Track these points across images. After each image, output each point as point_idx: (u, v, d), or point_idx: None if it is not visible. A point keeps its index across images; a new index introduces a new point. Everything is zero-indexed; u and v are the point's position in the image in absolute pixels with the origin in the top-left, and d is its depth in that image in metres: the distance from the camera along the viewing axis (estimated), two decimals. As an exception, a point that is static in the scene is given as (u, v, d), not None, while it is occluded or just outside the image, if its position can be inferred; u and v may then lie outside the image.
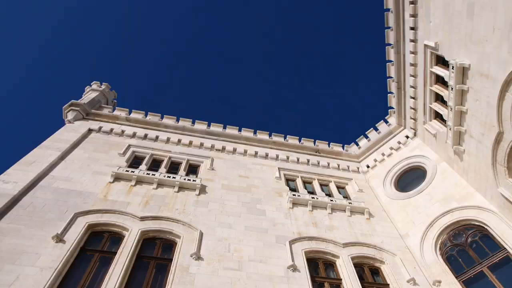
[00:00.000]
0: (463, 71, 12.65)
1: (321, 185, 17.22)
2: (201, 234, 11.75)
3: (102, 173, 13.80)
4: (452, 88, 13.33)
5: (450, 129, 14.08)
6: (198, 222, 12.34)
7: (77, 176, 13.26)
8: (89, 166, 14.06)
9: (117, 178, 13.69)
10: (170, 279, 9.93)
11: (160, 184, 14.04)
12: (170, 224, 12.04)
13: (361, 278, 11.73)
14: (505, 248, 11.07)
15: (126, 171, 14.03)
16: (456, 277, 11.48)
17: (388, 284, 11.72)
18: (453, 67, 12.92)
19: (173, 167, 16.00)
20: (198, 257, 10.76)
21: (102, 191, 12.84)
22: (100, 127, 16.98)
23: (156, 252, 11.19)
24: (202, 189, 14.33)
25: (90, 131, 16.56)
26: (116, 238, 11.24)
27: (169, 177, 14.36)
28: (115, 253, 10.48)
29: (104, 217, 11.63)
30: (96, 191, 12.73)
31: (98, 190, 12.85)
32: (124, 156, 15.44)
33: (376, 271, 12.38)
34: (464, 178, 13.98)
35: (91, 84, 20.24)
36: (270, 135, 19.79)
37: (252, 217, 13.26)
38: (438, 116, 15.83)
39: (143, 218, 11.97)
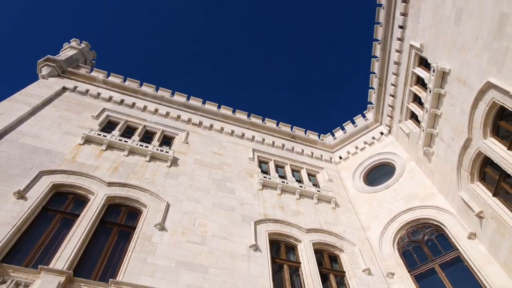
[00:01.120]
0: (443, 76, 12.92)
1: (293, 170, 17.44)
2: (168, 206, 11.74)
3: (73, 134, 13.45)
4: (430, 91, 13.62)
5: (423, 130, 14.46)
6: (166, 194, 12.30)
7: (46, 134, 12.86)
8: (60, 125, 13.65)
9: (87, 140, 13.38)
10: (132, 246, 9.93)
11: (132, 152, 13.83)
12: (138, 193, 11.94)
13: (319, 263, 12.10)
14: (457, 249, 11.63)
15: (98, 134, 13.72)
16: (408, 271, 12.03)
17: (345, 272, 12.15)
18: (434, 70, 13.17)
19: (147, 136, 15.77)
20: (162, 227, 10.77)
21: (71, 152, 12.53)
22: (75, 87, 16.43)
23: (120, 218, 11.11)
24: (174, 162, 14.23)
25: (64, 89, 16.00)
26: (80, 200, 11.07)
27: (142, 145, 14.16)
28: (78, 216, 10.34)
29: (70, 179, 11.41)
30: (64, 152, 12.42)
31: (67, 150, 12.54)
32: (97, 120, 15.06)
33: (334, 258, 12.79)
34: (429, 178, 14.48)
35: (70, 41, 19.43)
36: (248, 116, 19.74)
37: (221, 195, 13.33)
38: (414, 117, 16.20)
39: (110, 184, 11.81)
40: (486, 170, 11.29)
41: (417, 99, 15.78)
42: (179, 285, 9.18)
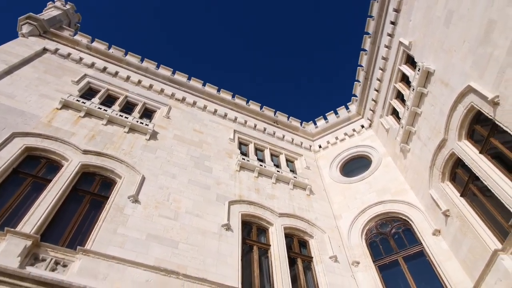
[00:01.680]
0: (427, 75, 13.13)
1: (272, 155, 17.56)
2: (143, 179, 11.65)
3: (50, 98, 13.07)
4: (413, 89, 13.83)
5: (402, 127, 14.74)
6: (143, 167, 12.20)
7: (22, 94, 12.44)
8: (37, 87, 13.22)
9: (65, 105, 13.04)
10: (103, 216, 9.86)
11: (111, 122, 13.59)
12: (113, 163, 11.79)
13: (289, 247, 12.36)
14: (421, 244, 12.09)
15: (77, 100, 13.38)
16: (373, 261, 12.45)
17: (312, 257, 12.46)
18: (419, 69, 13.35)
19: (128, 108, 15.48)
20: (135, 200, 10.72)
21: (47, 116, 12.21)
22: (57, 49, 15.87)
23: (93, 187, 10.99)
24: (153, 135, 14.07)
25: (45, 50, 15.43)
26: (53, 166, 10.86)
27: (122, 116, 13.92)
28: (49, 181, 10.17)
29: (45, 143, 11.14)
30: (40, 115, 12.08)
31: (43, 114, 12.20)
32: (77, 85, 14.66)
33: (304, 244, 13.08)
34: (403, 174, 14.87)
35: (55, 0, 18.67)
36: (233, 97, 19.62)
37: (198, 172, 13.32)
38: (395, 113, 16.48)
39: (86, 152, 11.61)
40: (457, 171, 11.67)
41: (400, 96, 16.02)
42: (148, 258, 9.21)
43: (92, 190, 10.86)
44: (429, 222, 12.34)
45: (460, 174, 11.55)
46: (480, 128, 10.65)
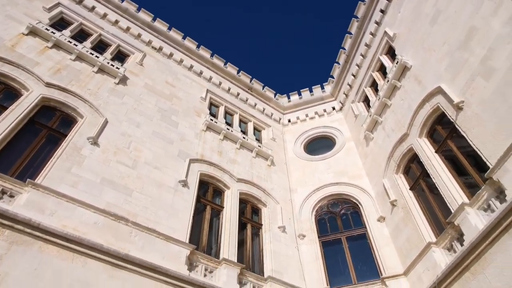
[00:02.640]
0: (404, 70, 13.36)
1: (240, 121, 17.55)
2: (106, 122, 11.36)
3: (17, 21, 12.23)
4: (388, 81, 14.10)
5: (370, 115, 15.12)
6: (107, 110, 11.86)
7: (-15, 11, 11.55)
8: (4, 7, 12.29)
9: (33, 32, 12.27)
10: (59, 153, 9.62)
11: (80, 58, 12.97)
12: (77, 102, 11.39)
13: (241, 212, 12.68)
14: (365, 227, 12.79)
15: (46, 29, 12.61)
16: (318, 237, 13.07)
17: (262, 225, 12.89)
18: (397, 62, 13.56)
19: (100, 47, 14.78)
20: (95, 142, 10.49)
21: (11, 40, 11.47)
22: (31, -31, 14.66)
23: (52, 122, 10.63)
24: (123, 80, 13.62)
25: (16, -33, 14.21)
26: (12, 94, 10.35)
27: (93, 54, 13.30)
28: (6, 108, 9.73)
29: (5, 68, 10.53)
30: (4, 37, 11.32)
31: (7, 37, 11.44)
32: (49, 13, 13.75)
33: (256, 211, 13.46)
34: (362, 160, 15.42)
35: None
36: (211, 56, 19.16)
37: (164, 125, 13.14)
38: (366, 101, 16.81)
39: (49, 85, 11.12)
40: (411, 166, 12.26)
41: (374, 85, 16.31)
42: (100, 201, 9.17)
43: (50, 125, 10.51)
44: (376, 208, 13.02)
45: (413, 169, 12.15)
46: (440, 129, 11.14)
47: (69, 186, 9.00)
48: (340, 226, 13.24)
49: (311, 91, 20.59)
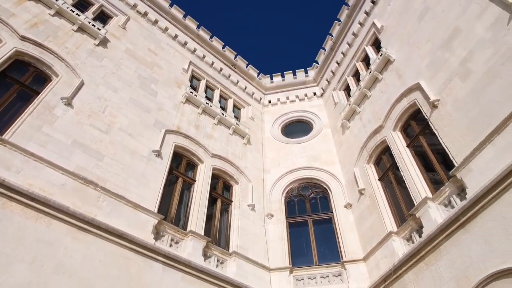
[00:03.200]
0: (387, 63, 13.52)
1: (221, 96, 17.40)
2: (82, 84, 11.01)
3: (-7, -35, 11.48)
4: (370, 72, 14.27)
5: (349, 104, 15.32)
6: (84, 71, 11.48)
7: (-41, -50, 10.78)
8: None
9: (10, -20, 11.57)
10: (30, 110, 9.31)
11: (59, 14, 12.40)
12: (53, 59, 10.95)
13: (213, 187, 12.75)
14: (332, 212, 13.15)
15: (25, -22, 11.92)
16: (286, 217, 13.36)
17: (232, 201, 13.03)
18: (382, 54, 13.71)
19: (82, 5, 14.10)
20: (68, 103, 10.18)
21: (-15, -13, 10.81)
22: None
23: (25, 78, 10.23)
24: (104, 42, 13.16)
25: None
26: (-17, 43, 9.84)
27: (73, 11, 12.74)
28: (-25, 58, 9.26)
29: (-23, 14, 9.97)
30: (-23, -19, 10.66)
31: (-19, -19, 10.77)
32: (28, -40, 12.97)
33: (228, 187, 13.57)
34: (336, 148, 15.70)
35: None
36: (198, 27, 18.70)
37: (142, 93, 12.87)
38: (347, 90, 16.98)
39: (24, 38, 10.62)
40: (383, 157, 12.60)
41: (357, 75, 16.46)
42: (69, 163, 8.99)
43: (23, 80, 10.11)
44: (344, 195, 13.38)
45: (384, 161, 12.50)
46: (414, 124, 11.45)
47: (38, 145, 8.76)
48: (308, 209, 13.57)
49: (294, 74, 20.57)
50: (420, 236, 9.45)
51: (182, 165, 12.48)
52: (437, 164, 10.04)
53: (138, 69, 13.62)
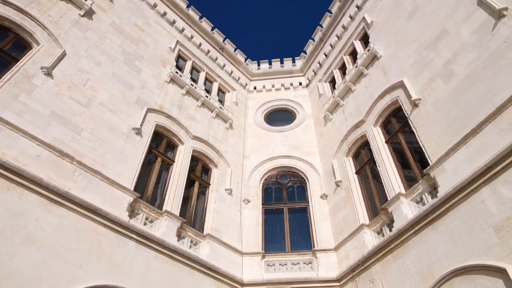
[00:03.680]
0: (373, 58, 13.63)
1: (206, 79, 17.23)
2: (64, 55, 10.67)
3: None
4: (356, 67, 14.38)
5: (333, 97, 15.44)
6: (67, 42, 11.12)
7: None
8: None
9: None
10: (7, 77, 8.93)
11: (44, -21, 11.91)
12: (35, 27, 10.52)
13: (191, 169, 12.73)
14: (308, 202, 13.37)
15: None
16: (262, 204, 13.51)
17: (210, 184, 13.06)
18: (369, 50, 13.81)
19: (68, -26, 13.59)
20: (48, 73, 9.87)
21: None
22: None
23: (4, 44, 9.83)
24: (89, 13, 12.73)
25: None
26: (-40, 1, 9.39)
27: (58, -22, 12.25)
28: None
29: (-45, -29, 9.48)
30: None
31: None
32: None
33: (207, 170, 13.57)
34: (317, 139, 15.86)
35: None
36: (188, 7, 18.29)
37: (126, 69, 12.59)
38: (333, 82, 17.08)
39: (5, 2, 10.16)
40: (361, 151, 12.81)
41: (343, 68, 16.55)
42: (46, 134, 8.78)
43: (1, 46, 9.72)
44: (321, 186, 13.59)
45: (362, 155, 12.72)
46: (395, 121, 11.66)
47: (14, 114, 8.50)
48: (284, 197, 13.75)
49: (282, 62, 20.51)
50: (390, 230, 9.74)
51: (162, 145, 12.38)
52: (413, 161, 10.29)
53: (123, 44, 13.30)
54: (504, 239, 6.55)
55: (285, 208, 13.31)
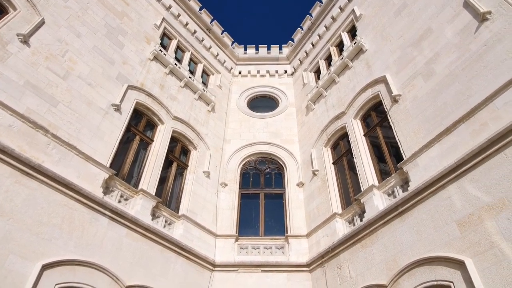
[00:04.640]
0: (359, 51, 13.73)
1: (191, 60, 16.99)
2: (42, 23, 10.27)
3: None
4: (342, 58, 14.45)
5: (317, 87, 15.52)
6: (46, 10, 10.69)
7: None
8: None
9: None
10: (-19, 41, 8.65)
11: None
12: (13, -7, 10.10)
13: (170, 150, 12.65)
14: (284, 189, 13.55)
15: None
16: (239, 188, 13.61)
17: (188, 166, 13.03)
18: (355, 43, 13.88)
19: None
20: (25, 41, 9.49)
21: None
22: None
23: (-23, 7, 9.42)
24: (72, -18, 12.27)
25: None
26: None
27: None
28: None
29: None
30: None
31: None
32: None
33: (186, 152, 13.51)
34: (298, 128, 15.97)
35: None
36: (177, -17, 17.86)
37: (108, 43, 12.26)
38: (317, 72, 17.13)
39: (-19, -39, 9.70)
40: (340, 143, 13.00)
41: (329, 59, 16.60)
42: (19, 105, 8.51)
43: (-25, 8, 9.31)
44: (299, 174, 13.77)
45: (340, 146, 12.91)
46: (374, 115, 11.84)
47: (-14, 80, 8.21)
48: (262, 183, 13.88)
49: (269, 49, 20.39)
50: (361, 220, 10.00)
51: (141, 124, 12.22)
52: (388, 155, 10.52)
53: (107, 17, 12.91)
54: (466, 234, 6.84)
55: (262, 193, 13.44)
